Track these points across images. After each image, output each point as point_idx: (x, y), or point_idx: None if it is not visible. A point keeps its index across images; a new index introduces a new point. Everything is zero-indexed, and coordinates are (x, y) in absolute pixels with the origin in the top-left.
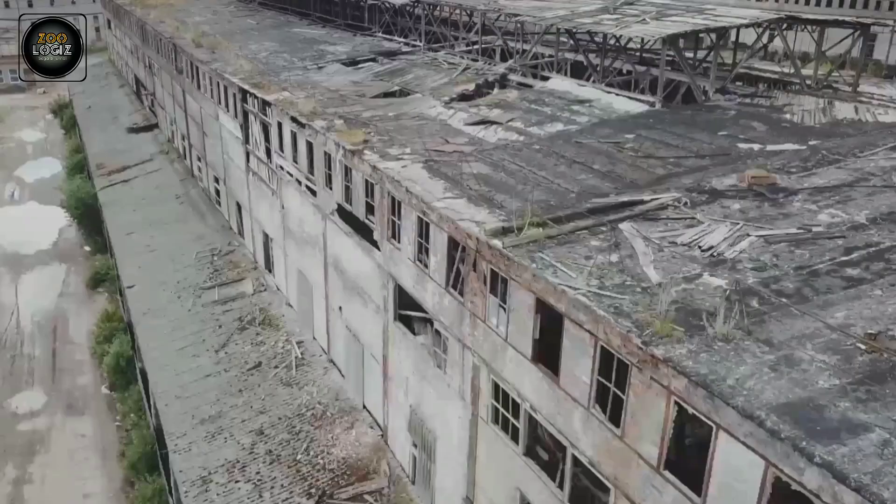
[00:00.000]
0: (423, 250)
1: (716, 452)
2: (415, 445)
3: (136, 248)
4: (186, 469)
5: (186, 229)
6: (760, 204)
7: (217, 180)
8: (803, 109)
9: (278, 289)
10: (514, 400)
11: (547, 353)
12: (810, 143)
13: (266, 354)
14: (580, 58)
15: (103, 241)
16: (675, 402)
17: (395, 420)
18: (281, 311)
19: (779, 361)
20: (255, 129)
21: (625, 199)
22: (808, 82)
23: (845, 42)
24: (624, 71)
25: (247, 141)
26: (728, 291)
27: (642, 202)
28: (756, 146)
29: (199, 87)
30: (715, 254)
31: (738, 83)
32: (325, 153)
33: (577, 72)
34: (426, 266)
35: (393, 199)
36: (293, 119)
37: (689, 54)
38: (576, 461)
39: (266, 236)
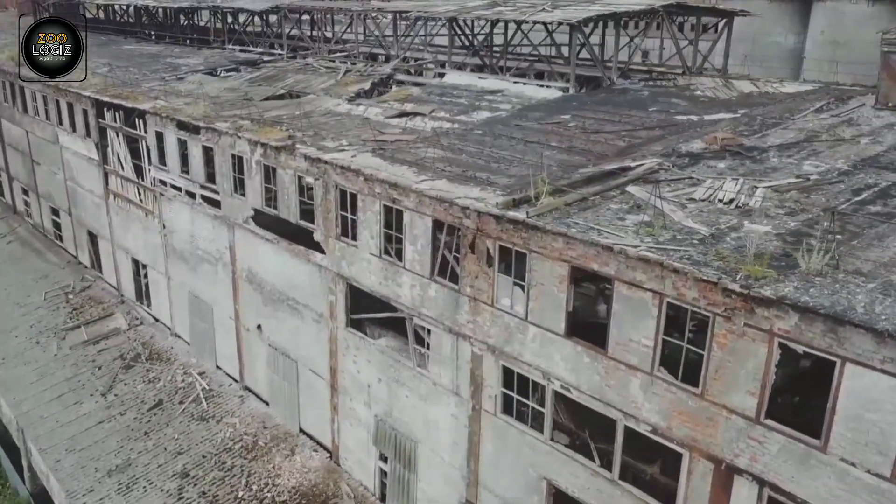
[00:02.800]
0: (392, 242)
1: (840, 387)
2: (383, 458)
3: None
4: None
5: (25, 269)
6: (742, 162)
7: (56, 212)
8: (708, 87)
9: (157, 320)
10: (535, 383)
11: (580, 326)
12: (740, 112)
13: (165, 391)
14: (471, 59)
15: None
16: (780, 345)
17: (351, 435)
18: (167, 342)
19: (885, 288)
20: (118, 145)
21: (612, 167)
22: (689, 67)
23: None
24: (524, 65)
25: (105, 161)
26: (827, 224)
27: (630, 168)
28: (694, 117)
29: (24, 109)
30: (739, 204)
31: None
32: (235, 156)
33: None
34: (399, 258)
35: (343, 192)
36: (181, 125)
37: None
38: (628, 434)
39: (137, 264)
